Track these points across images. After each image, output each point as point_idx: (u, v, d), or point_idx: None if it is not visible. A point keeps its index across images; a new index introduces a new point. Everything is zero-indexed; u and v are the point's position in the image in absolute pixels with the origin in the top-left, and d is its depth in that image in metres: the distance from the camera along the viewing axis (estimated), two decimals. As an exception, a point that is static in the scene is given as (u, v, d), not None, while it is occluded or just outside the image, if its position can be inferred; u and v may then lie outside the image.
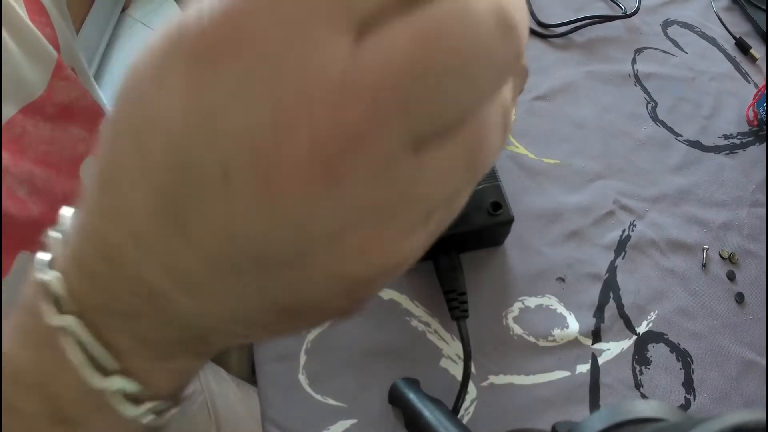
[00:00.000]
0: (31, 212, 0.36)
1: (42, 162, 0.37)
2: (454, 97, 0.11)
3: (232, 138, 0.11)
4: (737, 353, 0.36)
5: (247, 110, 0.10)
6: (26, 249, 0.37)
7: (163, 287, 0.14)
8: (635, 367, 0.35)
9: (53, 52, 0.37)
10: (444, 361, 0.35)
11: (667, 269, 0.39)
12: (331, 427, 0.32)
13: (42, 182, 0.37)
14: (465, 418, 0.33)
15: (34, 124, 0.37)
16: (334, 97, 0.10)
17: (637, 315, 0.37)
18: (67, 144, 0.40)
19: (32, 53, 0.35)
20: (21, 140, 0.36)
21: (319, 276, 0.13)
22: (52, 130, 0.38)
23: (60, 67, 0.38)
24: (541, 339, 0.35)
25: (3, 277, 0.34)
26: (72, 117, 0.40)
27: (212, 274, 0.13)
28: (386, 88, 0.10)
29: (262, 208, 0.11)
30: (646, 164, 0.44)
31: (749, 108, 0.47)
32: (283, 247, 0.12)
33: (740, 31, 0.53)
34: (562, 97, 0.47)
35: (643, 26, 0.53)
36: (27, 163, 0.36)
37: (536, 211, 0.41)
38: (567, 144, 0.45)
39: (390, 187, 0.11)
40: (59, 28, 0.39)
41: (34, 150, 0.37)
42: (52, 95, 0.37)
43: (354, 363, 0.34)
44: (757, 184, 0.43)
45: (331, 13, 0.10)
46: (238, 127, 0.10)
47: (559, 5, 0.54)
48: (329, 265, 0.12)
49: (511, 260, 0.38)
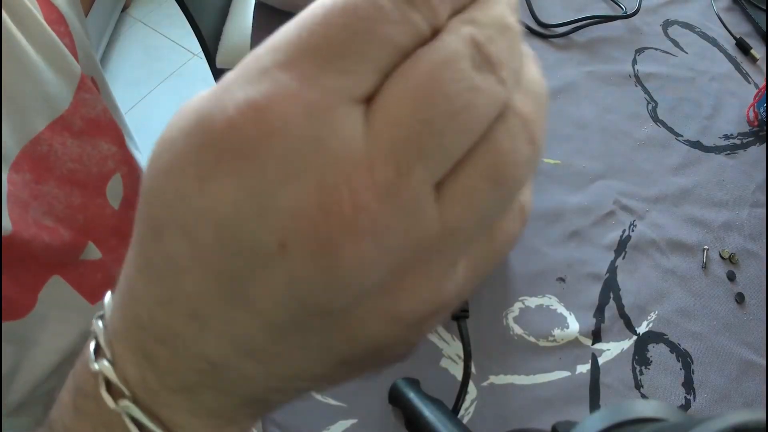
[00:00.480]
0: (64, 238, 0.36)
1: (68, 181, 0.37)
2: (457, 131, 0.13)
3: (284, 215, 0.12)
4: (737, 353, 0.36)
5: (294, 190, 0.12)
6: (57, 273, 0.38)
7: (227, 358, 0.15)
8: (635, 368, 0.35)
9: (76, 65, 0.37)
10: (444, 361, 0.35)
11: (668, 269, 0.39)
12: (332, 427, 0.32)
13: (66, 207, 0.37)
14: (465, 418, 0.33)
15: (62, 141, 0.36)
16: (363, 163, 0.12)
17: (638, 315, 0.37)
18: (95, 160, 0.39)
19: (56, 66, 0.35)
20: (47, 159, 0.35)
21: (374, 320, 0.14)
22: (80, 147, 0.38)
23: (83, 79, 0.37)
24: (542, 339, 0.35)
25: (37, 294, 0.36)
26: (100, 131, 0.40)
27: (276, 337, 0.14)
28: (401, 143, 0.12)
29: (319, 267, 0.12)
30: (647, 164, 0.44)
31: (749, 108, 0.47)
32: (342, 298, 0.13)
33: (741, 31, 0.53)
34: (563, 97, 0.48)
35: (643, 26, 0.53)
36: (52, 186, 0.36)
37: (537, 211, 0.41)
38: (568, 144, 0.45)
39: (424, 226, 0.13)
40: (78, 36, 0.39)
41: (60, 168, 0.36)
42: (79, 108, 0.37)
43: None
44: (757, 185, 0.43)
45: (341, 93, 0.12)
46: (289, 204, 0.12)
47: (559, 5, 0.54)
48: (383, 307, 0.14)
49: (512, 260, 0.38)
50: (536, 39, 0.51)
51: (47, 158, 0.35)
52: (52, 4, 0.36)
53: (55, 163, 0.36)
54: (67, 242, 0.36)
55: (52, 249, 0.35)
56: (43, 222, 0.35)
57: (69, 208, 0.38)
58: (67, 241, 0.36)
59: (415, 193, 0.13)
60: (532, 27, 0.52)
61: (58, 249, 0.36)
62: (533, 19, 0.52)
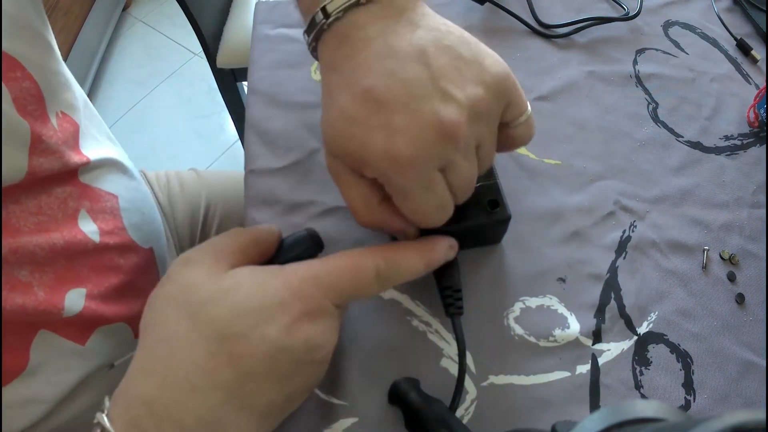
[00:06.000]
0: (38, 296, 0.36)
1: (37, 231, 0.37)
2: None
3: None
4: (737, 354, 0.36)
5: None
6: (43, 328, 0.38)
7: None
8: (635, 368, 0.35)
9: (25, 124, 0.35)
10: (444, 361, 0.35)
11: (668, 270, 0.39)
12: (333, 425, 0.32)
13: (42, 252, 0.37)
14: (465, 418, 0.33)
15: (15, 200, 0.35)
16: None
17: (638, 315, 0.37)
18: (56, 206, 0.39)
19: (6, 137, 0.33)
20: (9, 222, 0.35)
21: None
22: (36, 199, 0.37)
23: (37, 140, 0.36)
24: (542, 339, 0.35)
25: (29, 346, 0.37)
26: (52, 180, 0.39)
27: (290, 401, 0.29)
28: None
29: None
30: (647, 165, 0.44)
31: (750, 109, 0.47)
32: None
33: (741, 32, 0.53)
34: (564, 97, 0.48)
35: (644, 27, 0.53)
36: (25, 237, 0.36)
37: (537, 212, 0.41)
38: (568, 144, 0.45)
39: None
40: (39, 73, 0.37)
41: (25, 223, 0.36)
42: (35, 173, 0.36)
43: (355, 362, 0.34)
44: (757, 186, 0.43)
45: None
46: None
47: (561, 6, 0.54)
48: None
49: (512, 260, 0.38)
50: (537, 39, 0.51)
51: (8, 222, 0.35)
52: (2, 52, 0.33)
53: (18, 222, 0.36)
54: (43, 302, 0.36)
55: (31, 311, 0.36)
56: (19, 277, 0.35)
57: (52, 251, 0.37)
58: (42, 301, 0.36)
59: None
60: (533, 27, 0.52)
61: (37, 311, 0.36)
62: (534, 20, 0.52)
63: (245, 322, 0.26)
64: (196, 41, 0.96)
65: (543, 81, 0.48)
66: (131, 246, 0.46)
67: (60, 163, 0.38)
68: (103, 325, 0.42)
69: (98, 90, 1.72)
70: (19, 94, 0.34)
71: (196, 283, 0.27)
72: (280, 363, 0.26)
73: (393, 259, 0.29)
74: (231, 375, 0.25)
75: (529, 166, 0.43)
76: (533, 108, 0.47)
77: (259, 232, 0.32)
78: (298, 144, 0.44)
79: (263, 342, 0.26)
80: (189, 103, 1.67)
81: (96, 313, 0.41)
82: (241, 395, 0.26)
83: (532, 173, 0.43)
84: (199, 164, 1.49)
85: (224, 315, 0.26)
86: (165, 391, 0.25)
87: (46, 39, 0.39)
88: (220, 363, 0.25)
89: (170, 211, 0.64)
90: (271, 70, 0.49)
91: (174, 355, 0.25)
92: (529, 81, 0.48)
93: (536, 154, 0.44)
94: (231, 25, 1.01)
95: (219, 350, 0.25)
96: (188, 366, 0.25)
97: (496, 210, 0.35)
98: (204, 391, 0.25)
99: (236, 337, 0.26)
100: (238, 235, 0.31)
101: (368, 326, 0.36)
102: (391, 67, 0.26)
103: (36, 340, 0.37)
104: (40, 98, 0.37)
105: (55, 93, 0.39)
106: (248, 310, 0.26)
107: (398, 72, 0.26)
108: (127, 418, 0.24)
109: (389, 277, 0.29)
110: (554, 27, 0.52)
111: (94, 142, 0.45)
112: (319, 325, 0.27)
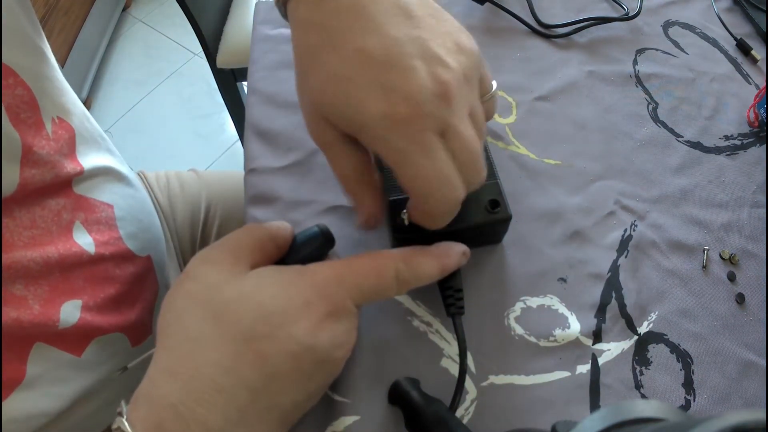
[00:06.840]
0: (33, 310, 0.36)
1: (31, 245, 0.36)
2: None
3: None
4: (737, 354, 0.36)
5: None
6: (39, 341, 0.38)
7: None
8: (635, 368, 0.35)
9: (16, 135, 0.34)
10: (445, 361, 0.35)
11: (668, 270, 0.39)
12: (334, 423, 0.32)
13: (37, 266, 0.36)
14: (465, 418, 0.33)
15: (8, 214, 0.35)
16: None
17: (639, 315, 0.37)
18: (50, 218, 0.38)
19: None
20: (2, 237, 0.35)
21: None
22: (29, 212, 0.37)
23: (28, 151, 0.35)
24: (543, 339, 0.35)
25: (26, 359, 0.37)
26: (46, 192, 0.38)
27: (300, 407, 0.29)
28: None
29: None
30: (647, 165, 0.44)
31: (750, 109, 0.47)
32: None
33: (741, 32, 0.53)
34: (564, 97, 0.48)
35: (644, 27, 0.53)
36: (19, 252, 0.35)
37: (537, 212, 0.41)
38: (568, 144, 0.45)
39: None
40: (32, 80, 0.36)
41: (19, 237, 0.36)
42: (26, 185, 0.36)
43: (357, 361, 0.34)
44: (757, 185, 0.43)
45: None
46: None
47: (561, 6, 0.54)
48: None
49: (513, 260, 0.38)
50: (537, 39, 0.51)
51: (2, 235, 0.35)
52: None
53: (12, 236, 0.35)
54: (38, 315, 0.36)
55: (26, 324, 0.35)
56: (14, 292, 0.35)
57: (47, 265, 0.37)
58: (38, 314, 0.36)
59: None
60: (533, 27, 0.52)
61: (33, 324, 0.36)
62: (534, 20, 0.52)
63: (271, 322, 0.26)
64: (196, 41, 0.96)
65: (543, 81, 0.48)
66: (128, 255, 0.46)
67: (52, 174, 0.38)
68: (100, 336, 0.42)
69: (98, 90, 1.72)
70: (11, 101, 0.34)
71: (218, 282, 0.27)
72: (305, 362, 0.26)
73: (411, 262, 0.30)
74: (257, 375, 0.25)
75: (529, 166, 0.43)
76: (533, 108, 0.48)
77: (275, 229, 0.31)
78: (298, 144, 0.44)
79: (289, 342, 0.26)
80: (189, 103, 1.67)
81: (92, 324, 0.41)
82: (267, 395, 0.26)
83: (532, 173, 0.43)
84: (198, 164, 1.49)
85: (250, 315, 0.26)
86: (191, 392, 0.25)
87: (39, 46, 0.39)
88: (246, 363, 0.25)
89: (170, 212, 0.64)
90: (271, 70, 0.49)
91: (199, 356, 0.25)
92: (529, 81, 0.48)
93: (536, 154, 0.44)
94: (231, 25, 1.02)
95: (245, 350, 0.25)
96: (213, 367, 0.25)
97: (497, 210, 0.35)
98: (230, 392, 0.25)
99: (262, 338, 0.26)
100: (254, 231, 0.31)
101: (370, 326, 0.36)
102: (381, 25, 0.26)
103: (33, 353, 0.37)
104: (34, 104, 0.36)
105: (51, 98, 0.39)
106: (274, 311, 0.26)
107: (389, 30, 0.26)
108: (151, 421, 0.24)
109: (407, 280, 0.29)
110: (554, 27, 0.52)
111: (90, 147, 0.45)
112: (342, 325, 0.28)
